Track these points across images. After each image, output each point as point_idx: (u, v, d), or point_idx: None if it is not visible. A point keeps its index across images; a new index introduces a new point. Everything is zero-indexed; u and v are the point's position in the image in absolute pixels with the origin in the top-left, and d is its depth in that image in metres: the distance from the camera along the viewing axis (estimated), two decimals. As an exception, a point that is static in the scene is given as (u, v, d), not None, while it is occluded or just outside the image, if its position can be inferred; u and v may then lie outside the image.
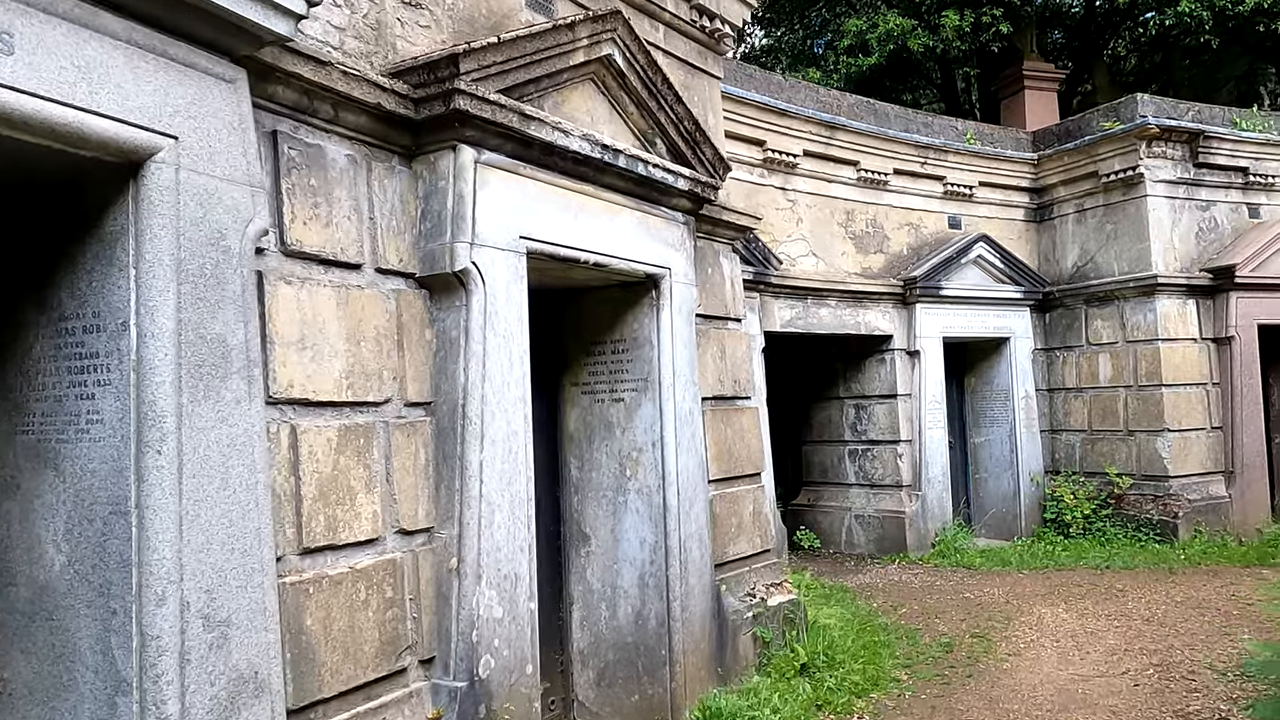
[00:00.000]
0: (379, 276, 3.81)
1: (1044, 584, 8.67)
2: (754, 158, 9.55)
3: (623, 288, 5.32)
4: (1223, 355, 10.97)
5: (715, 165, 5.54)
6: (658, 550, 5.17)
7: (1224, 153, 11.08)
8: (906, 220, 11.02)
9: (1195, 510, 10.42)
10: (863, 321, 10.42)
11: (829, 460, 11.37)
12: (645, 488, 5.23)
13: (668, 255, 5.27)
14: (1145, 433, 10.75)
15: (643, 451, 5.24)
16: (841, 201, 10.45)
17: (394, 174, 3.94)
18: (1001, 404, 11.51)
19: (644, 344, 5.27)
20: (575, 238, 4.56)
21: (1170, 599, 7.79)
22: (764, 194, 9.68)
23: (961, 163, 11.22)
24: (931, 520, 10.56)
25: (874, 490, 10.86)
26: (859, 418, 11.02)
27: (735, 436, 6.09)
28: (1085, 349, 11.44)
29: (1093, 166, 11.19)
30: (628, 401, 5.31)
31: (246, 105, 2.98)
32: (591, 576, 5.41)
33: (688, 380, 5.37)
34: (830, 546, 11.13)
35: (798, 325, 9.85)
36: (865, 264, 10.61)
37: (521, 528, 4.07)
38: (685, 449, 5.29)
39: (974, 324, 11.14)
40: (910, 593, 8.59)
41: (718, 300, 6.12)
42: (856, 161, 10.41)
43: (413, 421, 3.87)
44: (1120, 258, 11.07)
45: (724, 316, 6.19)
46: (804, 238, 10.06)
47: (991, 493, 11.56)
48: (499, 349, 4.03)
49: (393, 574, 3.66)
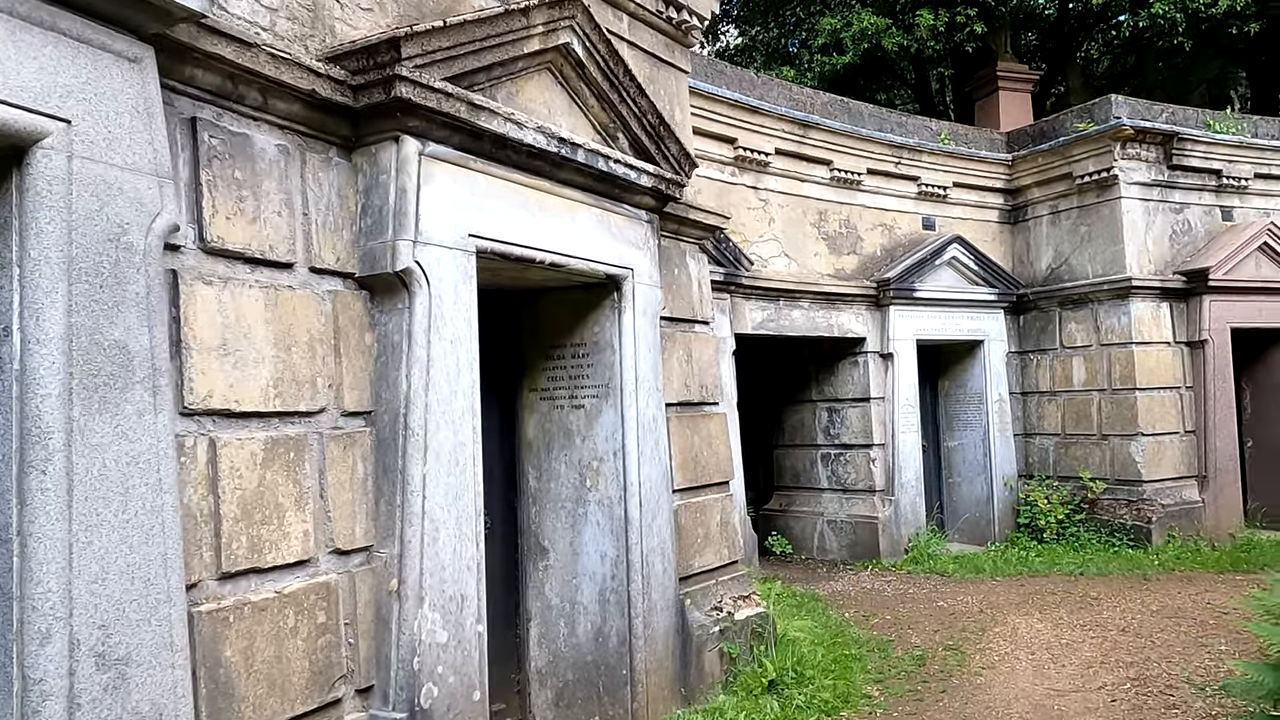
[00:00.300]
0: (313, 277, 3.53)
1: (1018, 592, 8.52)
2: (725, 156, 9.34)
3: (583, 289, 5.08)
4: (1196, 359, 10.90)
5: (681, 162, 5.31)
6: (619, 565, 4.93)
7: (1197, 154, 11.01)
8: (880, 221, 10.85)
9: (1169, 515, 10.33)
10: (835, 323, 10.23)
11: (801, 464, 11.18)
12: (606, 499, 4.98)
13: (630, 255, 5.03)
14: (1119, 437, 10.65)
15: (604, 461, 5.00)
16: (814, 201, 10.26)
17: (331, 166, 3.66)
18: (975, 407, 11.38)
19: (605, 348, 5.03)
20: (530, 236, 4.31)
21: (1145, 608, 7.65)
22: (735, 193, 9.46)
23: (936, 163, 11.07)
24: (905, 525, 10.40)
25: (846, 495, 10.69)
26: (832, 421, 10.84)
27: (702, 444, 5.86)
28: (1059, 352, 11.33)
29: (1067, 168, 11.09)
30: (588, 408, 5.07)
31: (154, 87, 2.70)
32: (550, 592, 5.16)
33: (651, 386, 5.13)
34: (802, 552, 10.94)
35: (769, 327, 9.65)
36: (838, 265, 10.43)
37: (469, 545, 3.81)
38: (648, 458, 5.05)
39: (948, 326, 11.00)
40: (883, 601, 8.40)
41: (684, 302, 5.89)
42: (830, 161, 10.23)
43: (350, 432, 3.60)
44: (1094, 260, 10.97)
45: (691, 319, 5.96)
46: (776, 238, 9.86)
47: (965, 497, 11.43)
48: (445, 355, 3.77)
49: (326, 598, 3.38)
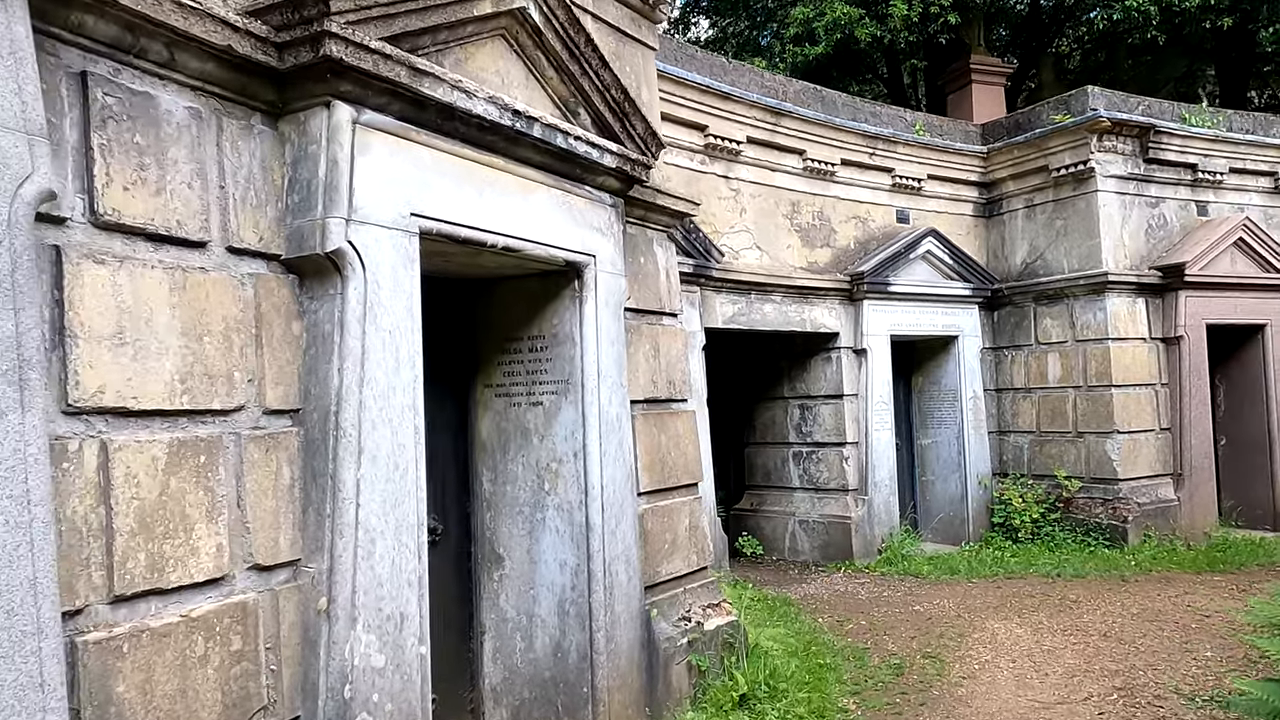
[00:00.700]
0: (231, 258, 3.14)
1: (995, 594, 8.27)
2: (695, 143, 9.00)
3: (541, 277, 4.71)
4: (1171, 355, 10.75)
5: (647, 141, 4.95)
6: (579, 574, 4.57)
7: (1173, 148, 10.85)
8: (854, 213, 10.57)
9: (1144, 514, 10.16)
10: (808, 318, 9.94)
11: (772, 463, 10.89)
12: (566, 503, 4.62)
13: (592, 241, 4.67)
14: (1094, 434, 10.47)
15: (563, 462, 4.64)
16: (787, 192, 9.95)
17: (253, 135, 3.27)
18: (949, 405, 11.15)
19: (565, 340, 4.66)
20: (481, 217, 3.93)
21: (1126, 611, 7.43)
22: (705, 182, 9.13)
23: (910, 154, 10.82)
24: (878, 525, 10.14)
25: (819, 494, 10.41)
26: (804, 419, 10.55)
27: (670, 443, 5.52)
28: (1034, 348, 11.13)
29: (1043, 160, 10.88)
30: (547, 405, 4.70)
31: (21, 29, 2.30)
32: (505, 603, 4.79)
33: (615, 381, 4.78)
34: (774, 553, 10.65)
35: (740, 322, 9.33)
36: (811, 258, 10.14)
37: (410, 558, 3.43)
38: (611, 459, 4.70)
39: (922, 322, 10.75)
40: (857, 605, 8.12)
41: (651, 293, 5.54)
42: (803, 151, 9.93)
43: (274, 433, 3.20)
44: (1070, 255, 10.77)
45: (658, 311, 5.61)
46: (747, 229, 9.54)
47: (938, 496, 11.20)
48: (383, 346, 3.39)
49: (243, 620, 3.00)
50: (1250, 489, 11.21)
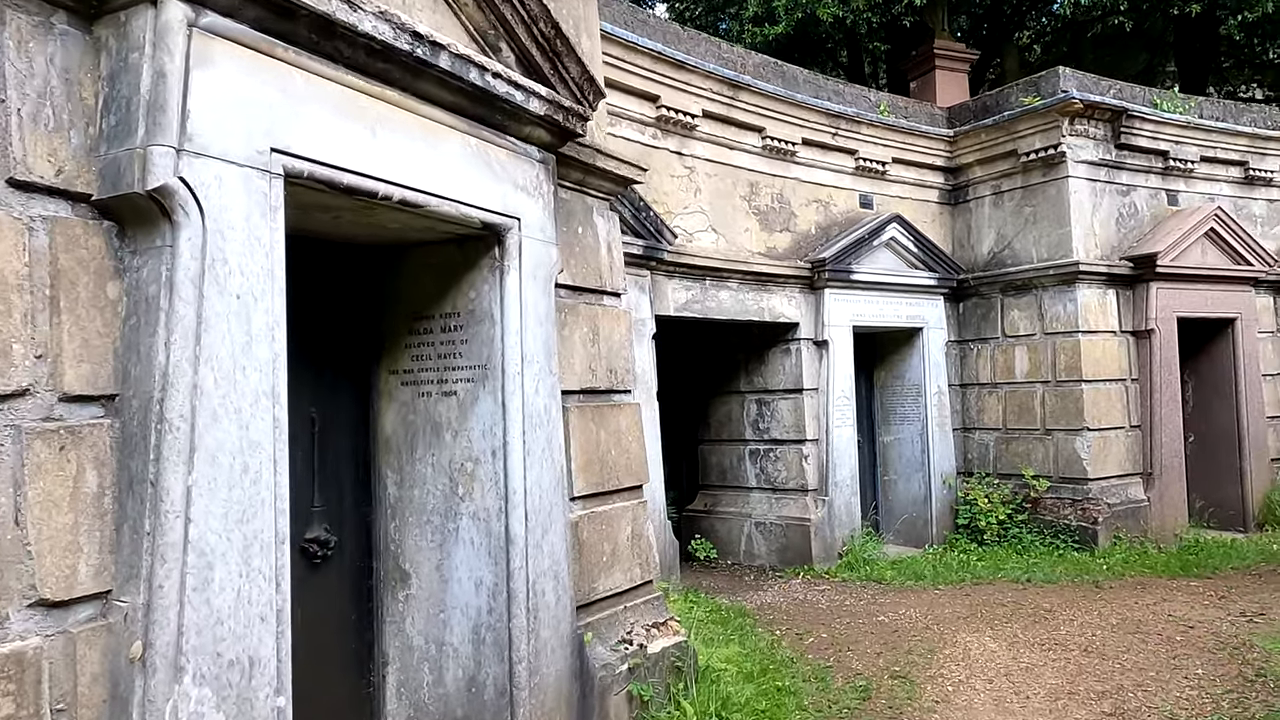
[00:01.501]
0: (12, 194, 2.38)
1: (964, 603, 7.71)
2: (646, 115, 8.31)
3: (457, 244, 3.99)
4: (1142, 350, 10.31)
5: (584, 89, 4.25)
6: (498, 594, 3.86)
7: (1145, 133, 10.42)
8: (815, 196, 9.97)
9: (1115, 515, 9.71)
10: (766, 307, 9.31)
11: (728, 461, 10.25)
12: (483, 511, 3.91)
13: (516, 201, 3.95)
14: (1063, 432, 10.00)
15: (479, 463, 3.92)
16: (745, 172, 9.31)
17: (54, 37, 2.50)
18: (913, 400, 10.61)
19: (483, 319, 3.95)
20: (372, 162, 3.20)
21: (1104, 621, 6.91)
22: (657, 157, 8.45)
23: (875, 136, 10.24)
24: (839, 528, 9.56)
25: (776, 495, 9.80)
26: (761, 414, 9.93)
27: (610, 440, 4.83)
28: (1001, 341, 10.63)
29: (1011, 145, 10.38)
30: (461, 396, 3.98)
31: None
32: (412, 629, 4.06)
33: (543, 368, 4.07)
34: (728, 557, 10.02)
35: (694, 309, 8.67)
36: (770, 243, 9.51)
37: (263, 586, 2.69)
38: (538, 458, 3.99)
39: (886, 312, 10.19)
40: (817, 616, 7.51)
41: (590, 268, 4.84)
42: (762, 128, 9.29)
43: (76, 426, 2.45)
44: (1039, 243, 10.28)
45: (598, 289, 4.91)
46: (703, 210, 8.88)
47: (901, 496, 10.65)
48: (229, 316, 2.65)
49: (18, 675, 2.24)
50: (1220, 489, 10.83)
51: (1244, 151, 11.20)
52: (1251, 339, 10.96)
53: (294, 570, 3.79)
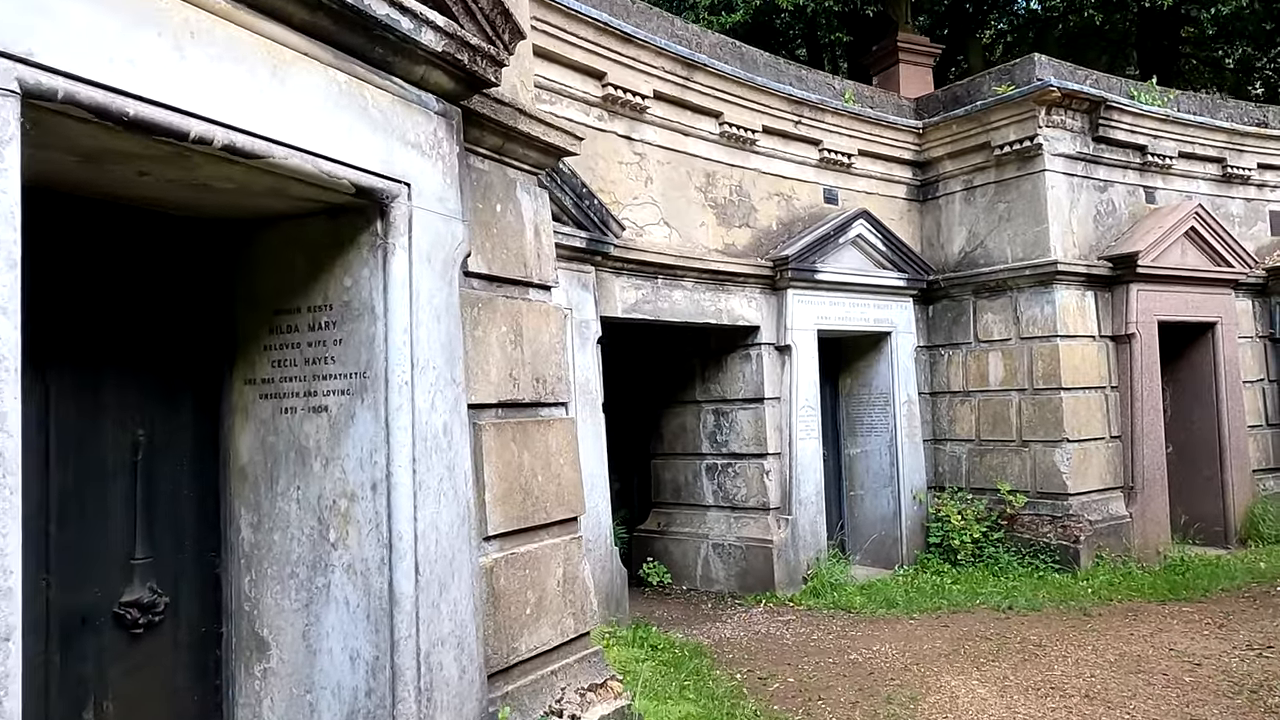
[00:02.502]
0: None
1: (943, 636, 6.96)
2: (590, 93, 7.46)
3: (329, 215, 3.09)
4: (1122, 355, 9.70)
5: (497, 25, 3.38)
6: (379, 672, 2.96)
7: (1124, 126, 9.82)
8: (777, 189, 9.20)
9: (1097, 533, 9.05)
10: (724, 308, 8.51)
11: (683, 477, 9.42)
12: (360, 563, 3.01)
13: (406, 161, 3.07)
14: (1041, 443, 9.32)
15: (356, 500, 3.02)
16: (701, 161, 8.50)
17: None
18: (880, 410, 9.88)
19: (361, 313, 3.06)
20: (178, 87, 2.29)
21: (1101, 658, 6.19)
22: (603, 142, 7.60)
23: (840, 125, 9.51)
24: (803, 549, 8.77)
25: (736, 514, 8.98)
26: (719, 426, 9.12)
27: (537, 464, 3.96)
28: (973, 346, 9.95)
29: (984, 136, 9.72)
30: (333, 412, 3.08)
31: None
32: (271, 714, 3.14)
33: (442, 376, 3.19)
34: (684, 582, 9.18)
35: (645, 311, 7.83)
36: (728, 239, 8.71)
37: (-33, 710, 1.78)
38: (434, 492, 3.10)
39: (852, 315, 9.45)
40: (783, 653, 6.69)
41: (511, 254, 3.97)
42: (719, 113, 8.49)
43: None
44: (1014, 242, 9.62)
45: (522, 280, 4.04)
46: (654, 202, 8.05)
47: (869, 513, 9.91)
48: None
49: None
50: (1201, 502, 10.26)
51: (1222, 147, 10.69)
52: (1232, 344, 10.42)
53: (105, 645, 2.87)
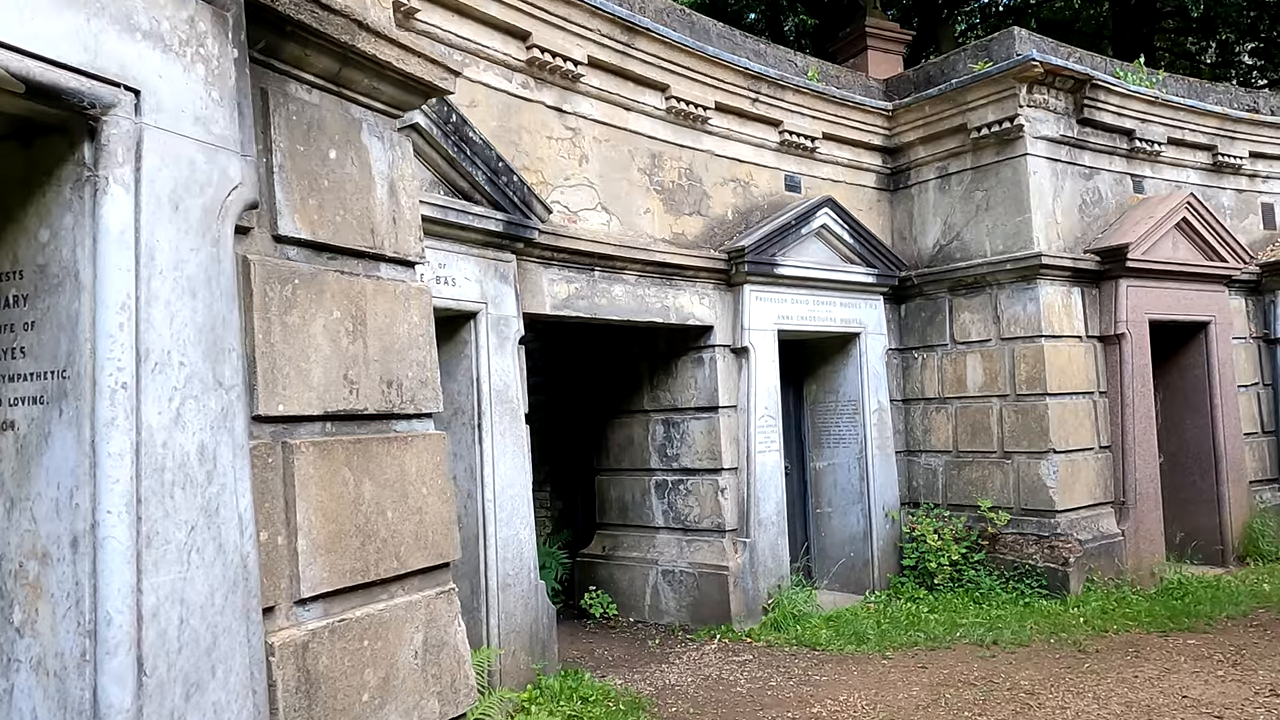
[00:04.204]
0: None
1: (921, 681, 6.01)
2: (513, 56, 6.49)
3: (19, 141, 2.09)
4: (1111, 357, 8.85)
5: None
6: (80, 825, 1.94)
7: (1111, 108, 9.00)
8: (732, 174, 8.27)
9: (1087, 554, 8.16)
10: (673, 306, 7.54)
11: (630, 495, 8.44)
12: (55, 658, 2.00)
13: (131, 55, 2.07)
14: (1025, 455, 8.44)
15: (50, 561, 2.01)
16: (645, 140, 7.55)
17: None
18: (849, 419, 8.96)
19: (62, 281, 2.05)
20: None
21: (1104, 709, 5.27)
22: (529, 113, 6.63)
23: (802, 105, 8.60)
24: (763, 576, 7.80)
25: (688, 536, 8.01)
26: (670, 438, 8.14)
27: (386, 496, 2.96)
28: (950, 349, 9.06)
29: (960, 118, 8.85)
30: (22, 430, 2.07)
31: None
32: None
33: (197, 376, 2.19)
34: (630, 613, 8.18)
35: (579, 308, 6.84)
36: (678, 228, 7.76)
37: None
38: (179, 549, 2.10)
39: (817, 314, 8.53)
40: (735, 706, 5.71)
41: (352, 217, 2.98)
42: (665, 86, 7.55)
43: None
44: (993, 233, 8.76)
45: (369, 252, 3.05)
46: (590, 184, 7.08)
47: (837, 533, 8.97)
48: None
49: None
50: (1194, 517, 9.44)
51: (1213, 134, 9.92)
52: (1226, 345, 9.63)
53: None
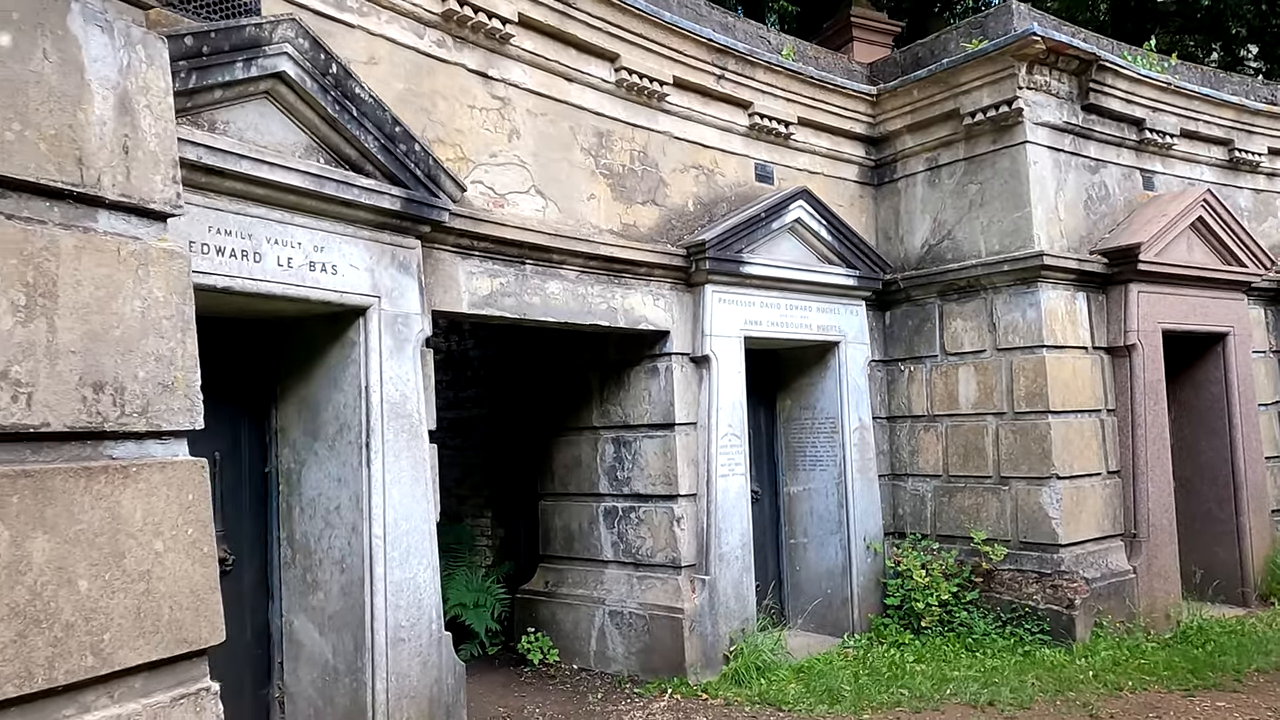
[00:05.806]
0: None
1: (903, 756, 5.00)
2: (426, 7, 5.51)
3: None
4: (1120, 371, 7.88)
5: None
6: None
7: (1119, 93, 8.07)
8: (694, 160, 7.29)
9: (1095, 594, 7.16)
10: (622, 307, 6.55)
11: (577, 524, 7.41)
12: None
13: None
14: (1024, 480, 7.45)
15: None
16: (590, 116, 6.58)
17: None
18: (827, 438, 7.96)
19: None
20: None
21: (1129, 802, 4.27)
22: (446, 76, 5.64)
23: (775, 85, 7.65)
24: (725, 619, 6.78)
25: (640, 573, 6.98)
26: (620, 458, 7.13)
27: (76, 560, 1.96)
28: (940, 360, 8.08)
29: (952, 103, 7.90)
30: None
31: None
32: None
33: None
34: (574, 659, 7.14)
35: (506, 306, 5.84)
36: (628, 218, 6.78)
37: None
38: None
39: (791, 320, 7.54)
40: (675, 789, 4.69)
41: (40, 136, 1.99)
42: (615, 55, 6.58)
43: None
44: (989, 231, 7.80)
45: (69, 191, 2.06)
46: (522, 163, 6.10)
47: (813, 567, 7.96)
48: None
49: None
50: (1210, 550, 8.45)
51: (1229, 127, 9.00)
52: (1246, 359, 8.68)
53: None
